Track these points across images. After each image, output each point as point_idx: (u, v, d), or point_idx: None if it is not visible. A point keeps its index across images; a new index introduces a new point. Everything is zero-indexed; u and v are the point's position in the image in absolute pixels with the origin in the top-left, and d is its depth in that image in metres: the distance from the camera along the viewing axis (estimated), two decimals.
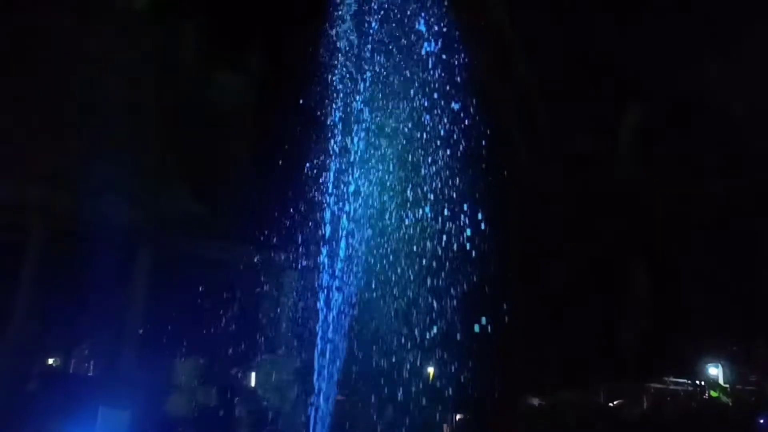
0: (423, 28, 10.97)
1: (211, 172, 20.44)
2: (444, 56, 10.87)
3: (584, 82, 20.41)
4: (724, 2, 19.05)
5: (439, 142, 10.68)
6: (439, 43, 10.92)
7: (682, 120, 19.95)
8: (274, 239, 13.23)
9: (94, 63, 18.76)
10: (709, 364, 20.31)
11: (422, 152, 10.75)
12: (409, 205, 10.87)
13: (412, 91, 10.90)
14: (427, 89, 10.83)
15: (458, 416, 17.97)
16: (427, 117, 10.76)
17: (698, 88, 19.83)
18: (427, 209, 10.64)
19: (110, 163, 17.59)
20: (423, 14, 11.06)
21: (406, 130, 10.86)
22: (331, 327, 10.54)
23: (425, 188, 10.66)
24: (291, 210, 12.05)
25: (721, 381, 20.10)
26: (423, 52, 10.92)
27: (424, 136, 10.77)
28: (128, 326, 18.48)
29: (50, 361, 21.29)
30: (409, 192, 10.83)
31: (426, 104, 10.79)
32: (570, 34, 20.93)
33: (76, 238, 17.31)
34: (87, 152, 17.85)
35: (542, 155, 21.39)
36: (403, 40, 11.07)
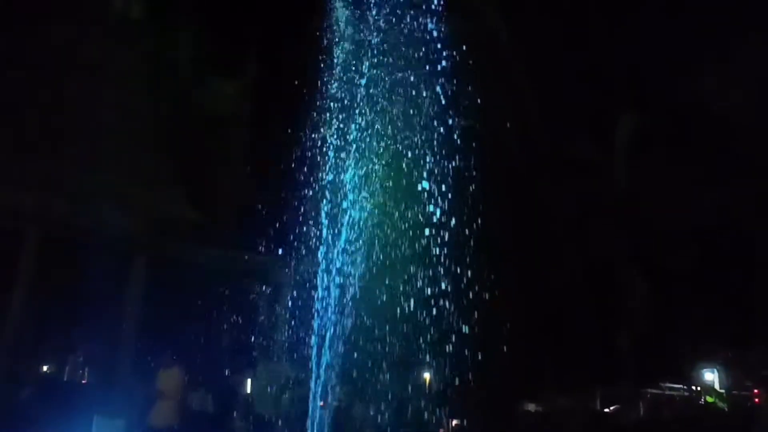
0: (419, 36, 11.01)
1: (207, 178, 20.42)
2: (440, 64, 10.91)
3: (581, 89, 20.49)
4: (721, 11, 19.17)
5: (435, 149, 10.70)
6: (436, 51, 10.96)
7: (679, 127, 20.04)
8: (271, 246, 13.24)
9: (89, 69, 18.74)
10: (704, 370, 20.32)
11: (418, 159, 10.76)
12: (404, 211, 10.88)
13: (407, 100, 10.94)
14: (422, 97, 10.88)
15: (455, 422, 17.96)
16: (423, 123, 10.78)
17: (695, 95, 19.93)
18: (422, 216, 10.64)
19: (106, 170, 17.57)
20: (419, 22, 11.11)
21: (401, 137, 10.88)
22: (327, 333, 10.52)
23: (421, 195, 10.67)
24: (287, 216, 12.06)
25: (716, 386, 20.10)
26: (419, 60, 10.97)
27: (420, 142, 10.79)
28: (124, 333, 18.42)
29: (45, 367, 21.21)
30: (404, 198, 10.84)
31: (422, 112, 10.83)
32: (567, 41, 21.01)
33: (72, 244, 17.26)
34: (83, 158, 17.82)
35: (539, 161, 21.44)
36: (397, 48, 11.11)
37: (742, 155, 19.69)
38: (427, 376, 20.01)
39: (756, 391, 18.67)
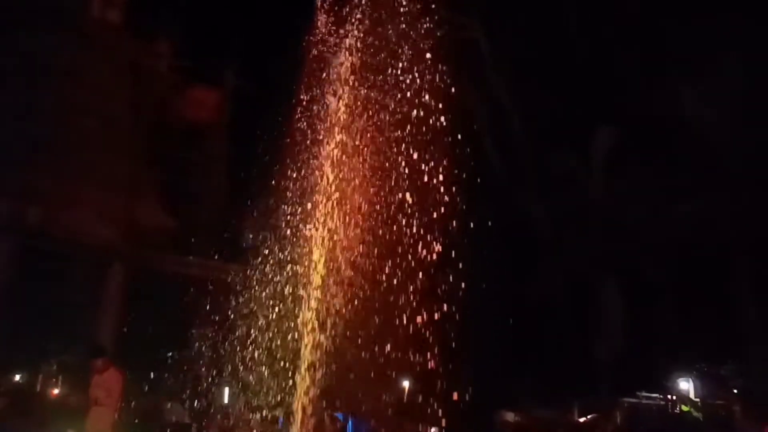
0: (400, 48, 11.09)
1: (185, 188, 20.32)
2: (422, 76, 10.99)
3: (561, 102, 20.72)
4: (698, 24, 19.54)
5: (415, 160, 10.75)
6: (417, 63, 11.04)
7: (657, 140, 20.32)
8: (248, 255, 13.19)
9: (66, 77, 18.57)
10: (680, 379, 20.52)
11: (398, 170, 10.80)
12: (385, 221, 10.90)
13: (388, 112, 10.99)
14: (403, 109, 10.93)
15: (433, 429, 17.94)
16: (404, 135, 10.83)
17: (674, 108, 20.25)
18: (401, 227, 10.67)
19: (83, 179, 17.41)
20: (400, 33, 11.18)
21: (382, 148, 10.93)
22: (307, 342, 10.49)
23: (401, 205, 10.71)
24: (266, 225, 12.04)
25: (692, 395, 20.30)
26: (400, 71, 11.03)
27: (402, 153, 10.83)
28: (100, 342, 18.19)
29: (17, 377, 20.83)
30: (385, 208, 10.87)
31: (402, 123, 10.88)
32: (547, 53, 21.26)
33: (48, 253, 17.08)
34: (59, 167, 17.64)
35: (518, 174, 21.64)
36: (379, 58, 11.17)
37: (720, 167, 20.02)
38: (405, 384, 19.99)
39: None
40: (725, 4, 19.51)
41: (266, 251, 12.11)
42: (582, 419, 20.15)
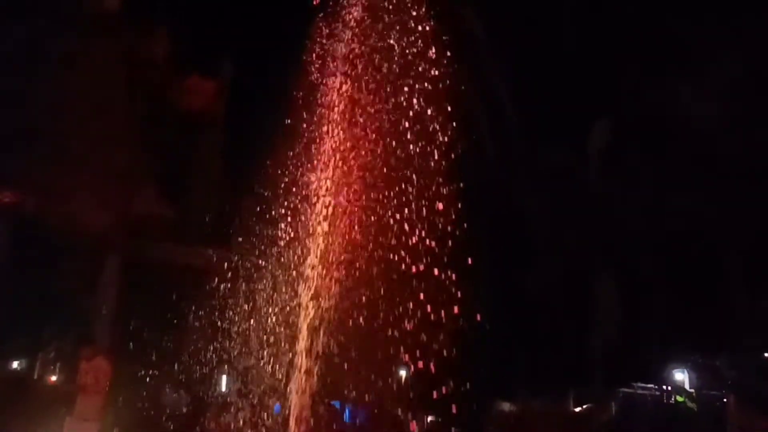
0: (396, 40, 11.05)
1: (181, 176, 20.28)
2: (417, 69, 10.95)
3: (557, 95, 20.71)
4: (692, 20, 19.53)
5: (411, 155, 10.74)
6: (413, 56, 11.00)
7: (654, 134, 20.38)
8: (246, 244, 13.21)
9: (62, 65, 18.46)
10: (675, 370, 20.71)
11: (394, 163, 10.80)
12: (381, 214, 10.91)
13: (384, 104, 10.96)
14: (399, 102, 10.90)
15: (429, 418, 18.07)
16: (400, 129, 10.82)
17: (668, 102, 20.28)
18: (398, 220, 10.68)
19: (79, 167, 17.34)
20: (397, 26, 11.14)
21: (377, 141, 10.91)
22: (303, 330, 10.54)
23: (397, 199, 10.71)
24: (263, 214, 12.06)
25: (686, 386, 20.49)
26: (396, 64, 10.99)
27: (397, 149, 10.82)
28: (97, 333, 18.22)
29: (15, 364, 20.89)
30: (381, 202, 10.87)
31: (398, 117, 10.85)
32: (543, 47, 21.21)
33: (43, 242, 17.06)
34: (55, 156, 17.57)
35: (514, 167, 21.62)
36: (375, 51, 11.14)
37: (715, 163, 20.07)
38: (402, 373, 20.08)
39: None
40: (722, 2, 19.54)
41: (263, 240, 12.13)
42: (577, 409, 20.32)
